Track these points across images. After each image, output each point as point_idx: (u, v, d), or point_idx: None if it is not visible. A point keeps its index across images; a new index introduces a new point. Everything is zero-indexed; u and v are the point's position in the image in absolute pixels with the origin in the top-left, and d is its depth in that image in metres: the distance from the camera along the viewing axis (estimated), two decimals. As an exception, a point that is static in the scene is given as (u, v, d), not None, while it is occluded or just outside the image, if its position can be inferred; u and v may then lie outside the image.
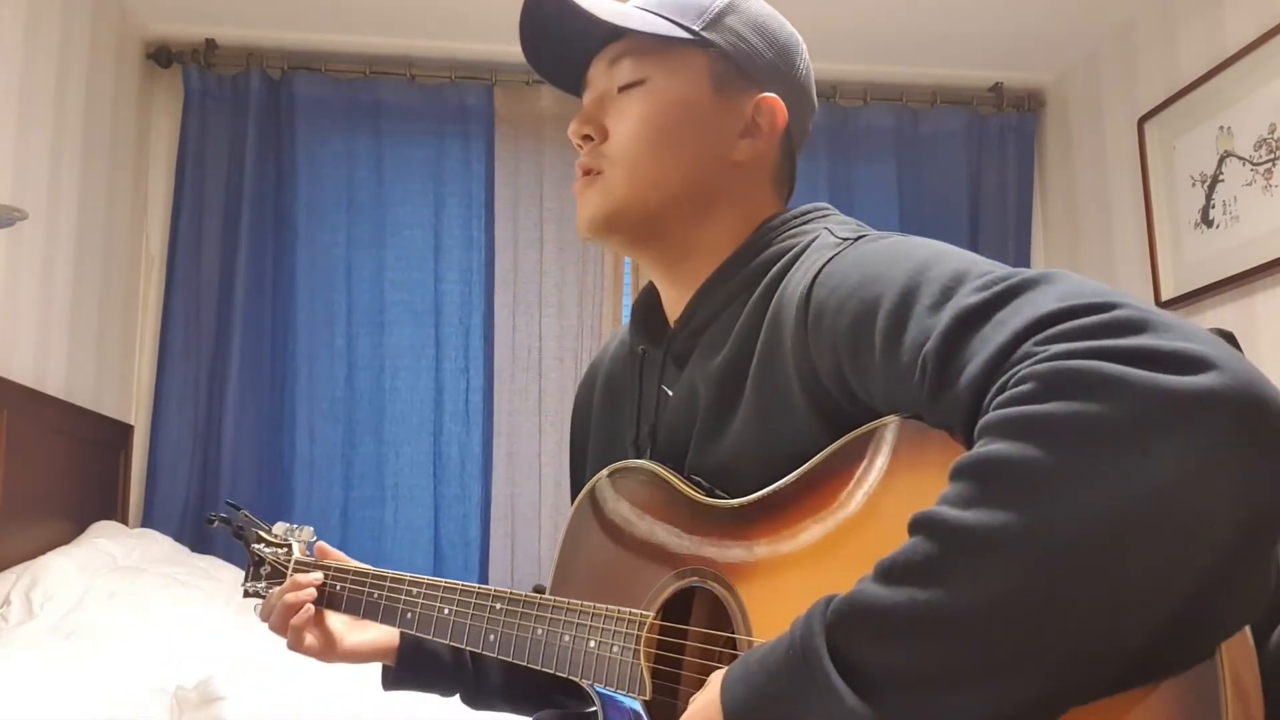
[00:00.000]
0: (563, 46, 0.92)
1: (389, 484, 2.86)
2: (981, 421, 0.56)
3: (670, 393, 0.91)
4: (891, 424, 0.69)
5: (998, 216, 3.22)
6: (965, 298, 0.63)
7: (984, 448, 0.54)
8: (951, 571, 0.53)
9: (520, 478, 2.98)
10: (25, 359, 2.29)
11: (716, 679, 0.65)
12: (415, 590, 0.99)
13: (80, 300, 2.55)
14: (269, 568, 1.13)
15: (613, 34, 0.89)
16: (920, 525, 0.56)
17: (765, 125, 0.89)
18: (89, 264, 2.60)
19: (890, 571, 0.56)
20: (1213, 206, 2.58)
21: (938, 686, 0.54)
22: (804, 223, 0.87)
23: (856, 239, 0.79)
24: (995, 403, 0.56)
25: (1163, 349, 0.52)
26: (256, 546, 1.15)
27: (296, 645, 1.05)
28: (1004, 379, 0.56)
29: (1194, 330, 0.54)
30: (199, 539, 2.70)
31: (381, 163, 2.99)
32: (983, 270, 0.66)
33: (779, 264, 0.83)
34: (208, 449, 2.80)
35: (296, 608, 1.04)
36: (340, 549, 3.06)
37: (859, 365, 0.70)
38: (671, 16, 0.88)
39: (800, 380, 0.76)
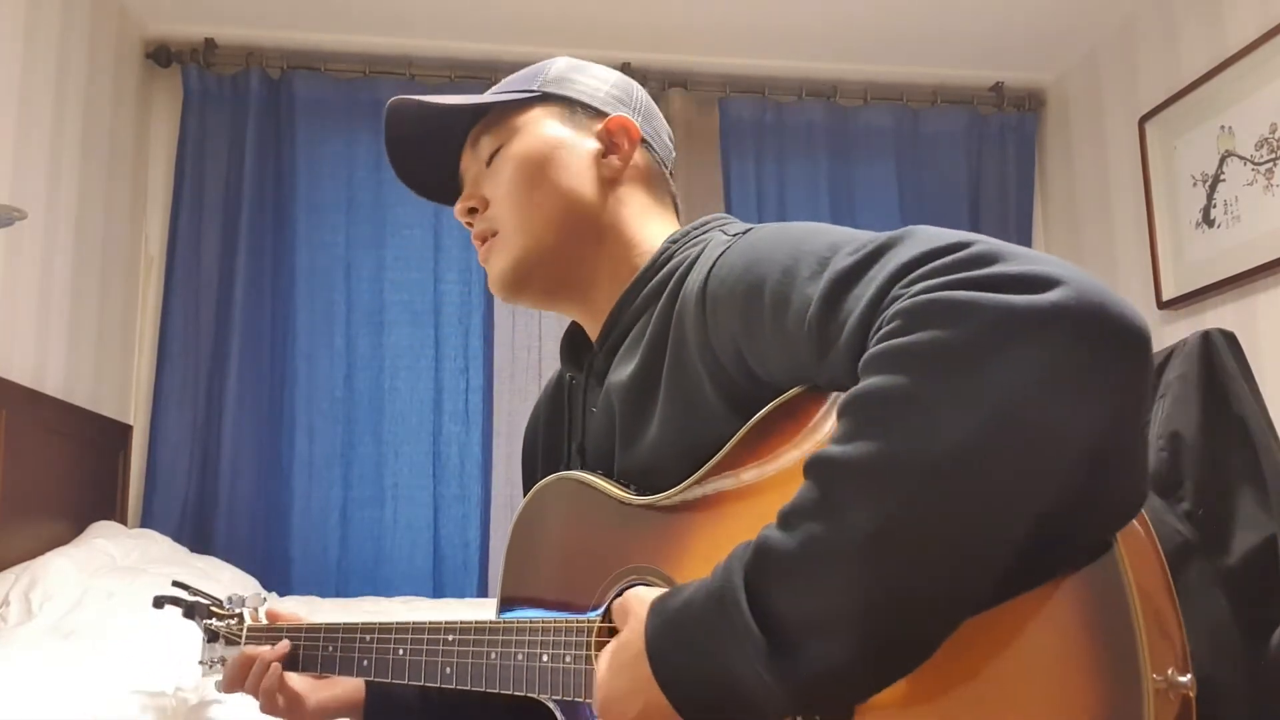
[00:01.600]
0: (432, 163, 1.00)
1: (388, 484, 2.86)
2: (859, 364, 0.60)
3: (594, 410, 0.95)
4: (791, 395, 0.73)
5: (998, 216, 3.22)
6: (839, 262, 0.67)
7: (859, 385, 0.58)
8: (836, 506, 0.57)
9: (520, 478, 2.97)
10: (24, 359, 2.29)
11: (637, 611, 0.67)
12: (369, 637, 1.00)
13: (79, 300, 2.55)
14: (223, 640, 1.14)
15: (469, 122, 0.97)
16: (809, 468, 0.60)
17: (623, 141, 0.95)
18: (88, 264, 2.60)
19: (789, 517, 0.60)
20: (1214, 206, 2.58)
21: (840, 618, 0.56)
22: (702, 232, 0.92)
23: (745, 232, 0.84)
24: (870, 344, 0.60)
25: (1011, 273, 0.56)
26: (208, 622, 1.15)
27: (270, 709, 1.05)
28: (876, 325, 0.61)
29: (1042, 256, 0.58)
30: (198, 539, 2.70)
31: (381, 163, 2.98)
32: (855, 238, 0.70)
33: (679, 272, 0.87)
34: (207, 449, 2.79)
35: (263, 672, 1.05)
36: (340, 549, 3.04)
37: (754, 345, 0.74)
38: (512, 89, 0.97)
39: (707, 372, 0.79)
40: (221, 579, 2.28)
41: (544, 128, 0.94)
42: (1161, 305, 2.72)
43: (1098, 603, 0.56)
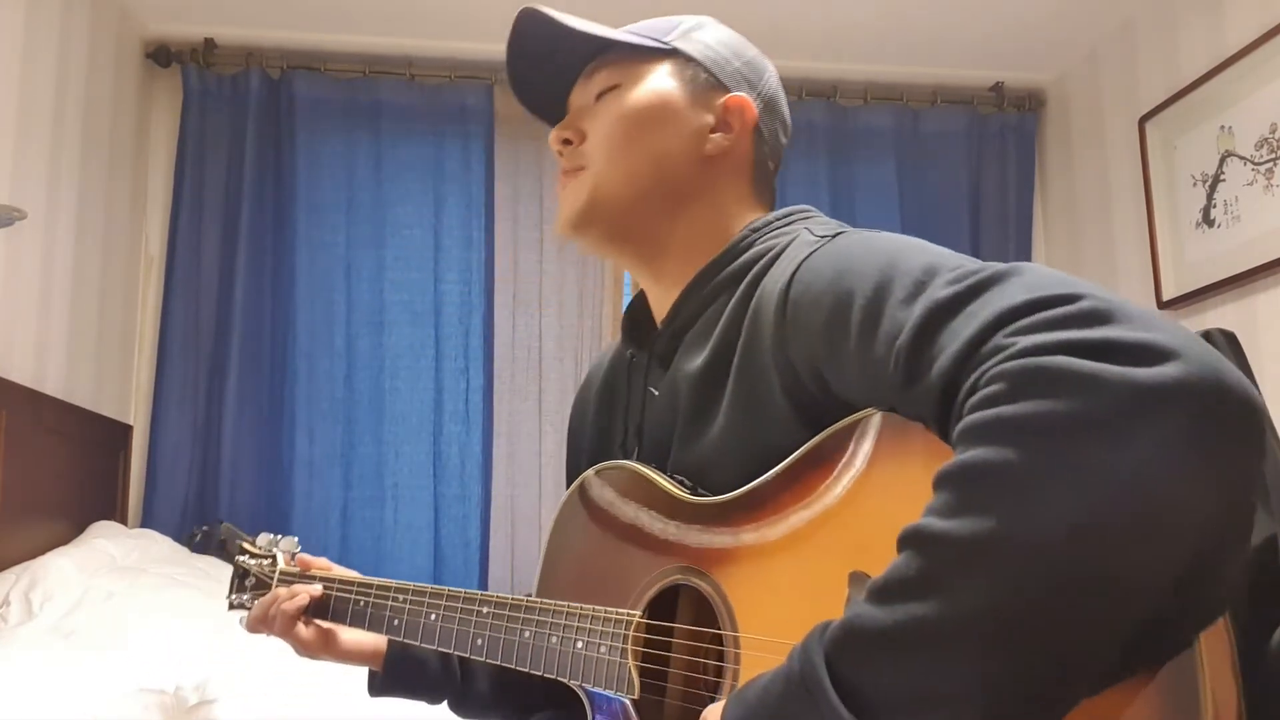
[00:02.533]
0: (548, 78, 0.97)
1: (389, 484, 2.86)
2: (959, 427, 0.57)
3: (655, 393, 0.92)
4: (873, 416, 0.70)
5: (998, 216, 3.21)
6: (937, 291, 0.64)
7: (962, 454, 0.55)
8: (942, 584, 0.54)
9: (520, 478, 2.98)
10: (24, 359, 2.29)
11: (711, 716, 0.64)
12: (401, 597, 1.00)
13: (79, 300, 2.55)
14: (253, 579, 1.14)
15: (593, 51, 0.94)
16: (908, 540, 0.56)
17: (735, 123, 0.92)
18: (88, 264, 2.60)
19: (884, 591, 0.56)
20: (1214, 206, 2.58)
21: (942, 702, 0.54)
22: (785, 224, 0.90)
23: (834, 236, 0.81)
24: (969, 405, 0.57)
25: (1128, 340, 0.53)
26: (240, 559, 1.15)
27: (295, 639, 1.06)
28: (975, 376, 0.57)
29: (1158, 320, 0.55)
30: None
31: (381, 163, 2.99)
32: (954, 264, 0.67)
33: (759, 264, 0.85)
34: (207, 449, 2.79)
35: (298, 611, 1.05)
36: (340, 549, 3.05)
37: (835, 359, 0.72)
38: (643, 32, 0.94)
39: (779, 377, 0.77)
40: (221, 579, 2.27)
41: (662, 84, 0.91)
42: (1161, 305, 2.72)
43: (1172, 683, 0.54)
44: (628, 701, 0.81)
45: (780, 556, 0.73)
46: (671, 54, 0.92)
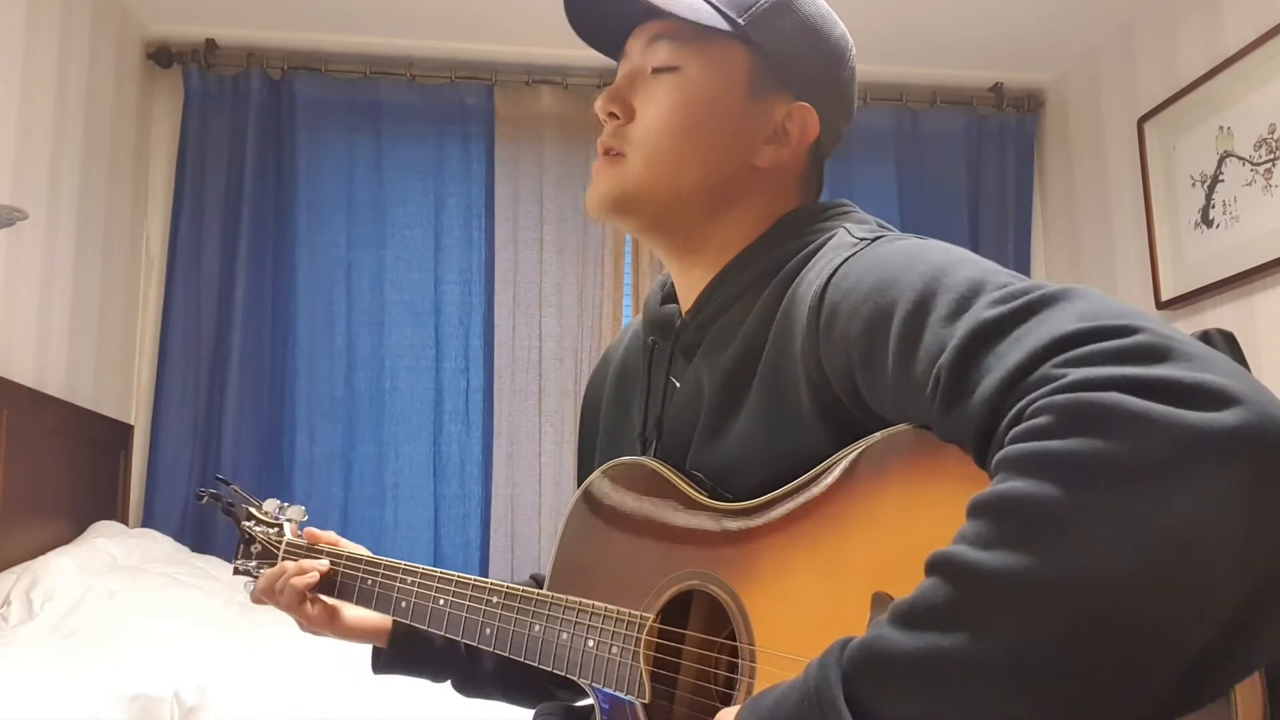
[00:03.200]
0: (604, 10, 0.89)
1: (389, 484, 2.86)
2: (1000, 455, 0.54)
3: (678, 384, 0.89)
4: (905, 433, 0.67)
5: (998, 216, 3.22)
6: (983, 310, 0.61)
7: (1002, 484, 0.52)
8: (971, 618, 0.51)
9: (520, 478, 2.98)
10: (25, 359, 2.29)
11: (727, 718, 0.63)
12: (410, 579, 0.99)
13: (80, 300, 2.55)
14: (259, 546, 1.12)
15: (653, 12, 0.86)
16: (938, 566, 0.53)
17: (794, 134, 0.87)
18: (89, 264, 2.60)
19: (909, 615, 0.53)
20: (1213, 206, 2.58)
21: None
22: (823, 220, 0.86)
23: (874, 239, 0.77)
24: (1013, 434, 0.54)
25: (1185, 381, 0.50)
26: (247, 524, 1.14)
27: (301, 614, 1.05)
28: (1021, 405, 0.54)
29: (1215, 359, 0.52)
30: (199, 539, 2.70)
31: (381, 163, 2.99)
32: (1001, 281, 0.64)
33: (793, 260, 0.82)
34: (208, 449, 2.80)
35: (306, 588, 1.04)
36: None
37: (870, 372, 0.69)
38: (719, 4, 0.85)
39: (809, 383, 0.74)
40: (222, 579, 2.28)
41: (727, 80, 0.85)
42: (1160, 305, 2.72)
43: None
44: (638, 704, 0.80)
45: (801, 569, 0.71)
46: (743, 40, 0.85)
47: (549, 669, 0.86)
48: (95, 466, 2.61)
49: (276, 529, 1.13)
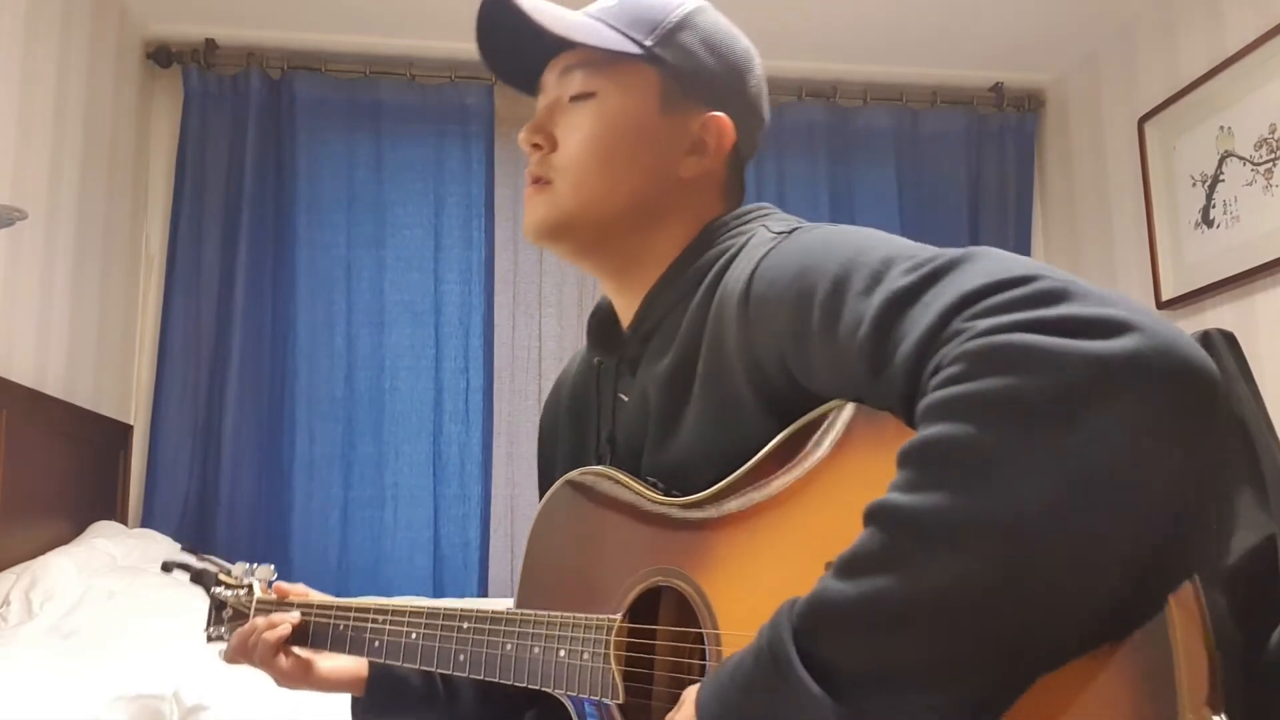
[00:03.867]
0: (517, 50, 0.93)
1: (389, 484, 2.86)
2: (920, 406, 0.57)
3: (625, 399, 0.92)
4: (842, 407, 0.70)
5: (998, 216, 3.22)
6: (895, 280, 0.64)
7: (924, 431, 0.56)
8: (905, 558, 0.54)
9: (520, 478, 2.98)
10: (25, 359, 2.29)
11: (690, 696, 0.65)
12: (381, 618, 0.99)
13: (80, 300, 2.55)
14: (230, 610, 1.12)
15: (565, 44, 0.89)
16: (873, 515, 0.57)
17: (712, 143, 0.89)
18: (89, 264, 2.60)
19: (849, 565, 0.57)
20: (1213, 206, 2.58)
21: (907, 675, 0.54)
22: (743, 223, 0.89)
23: (791, 231, 0.81)
24: (931, 384, 0.57)
25: (1084, 316, 0.53)
26: (217, 590, 1.14)
27: (275, 669, 1.05)
28: (937, 360, 0.58)
29: (1114, 295, 0.55)
30: (198, 539, 2.70)
31: (381, 163, 2.99)
32: (910, 253, 0.67)
33: (719, 263, 0.85)
34: (207, 449, 2.79)
35: (279, 641, 1.04)
36: (340, 549, 3.04)
37: (801, 355, 0.72)
38: (624, 29, 0.88)
39: (746, 375, 0.77)
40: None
41: (642, 101, 0.88)
42: (1161, 305, 2.72)
43: (1143, 644, 0.54)
44: (613, 706, 0.81)
45: (756, 552, 0.74)
46: (651, 61, 0.88)
47: (524, 685, 0.86)
48: (95, 466, 2.61)
49: (245, 590, 1.13)
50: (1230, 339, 0.74)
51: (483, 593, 2.83)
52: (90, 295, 2.61)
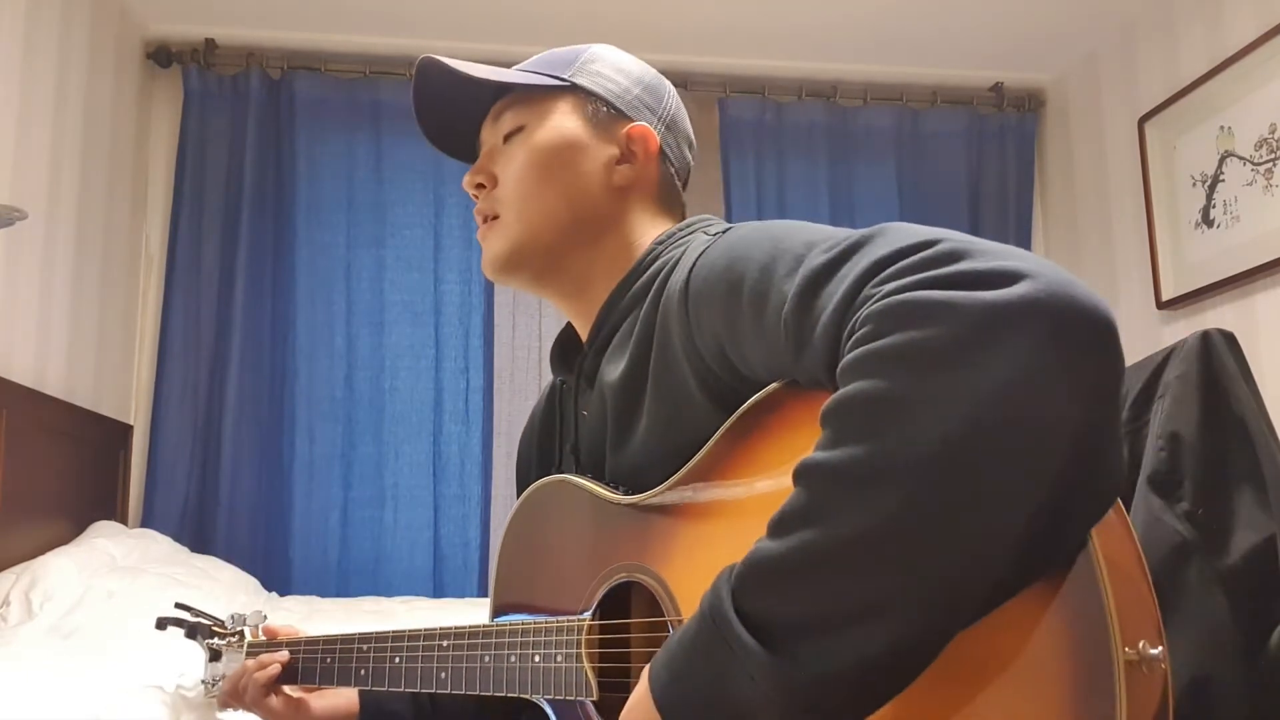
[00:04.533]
0: (453, 115, 0.99)
1: (389, 484, 2.86)
2: (837, 369, 0.60)
3: (585, 414, 0.95)
4: (777, 389, 0.73)
5: (998, 216, 3.22)
6: (813, 259, 0.68)
7: (840, 391, 0.59)
8: (828, 509, 0.57)
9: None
10: (25, 359, 2.29)
11: (645, 670, 0.67)
12: (365, 647, 1.02)
13: (80, 300, 2.55)
14: (225, 659, 1.15)
15: (496, 93, 0.96)
16: (797, 475, 0.60)
17: (640, 151, 0.95)
18: (88, 264, 2.60)
19: (779, 524, 0.59)
20: (1213, 206, 2.58)
21: (840, 621, 0.56)
22: (687, 233, 0.92)
23: (725, 231, 0.85)
24: (845, 349, 0.60)
25: (979, 269, 0.57)
26: (210, 642, 1.17)
27: (268, 710, 1.07)
28: (850, 326, 0.61)
29: (1009, 250, 0.58)
30: (198, 539, 2.70)
31: (381, 163, 2.99)
32: (830, 235, 0.71)
33: (664, 272, 0.88)
34: (207, 449, 2.79)
35: (269, 681, 1.06)
36: (340, 549, 3.04)
37: (736, 342, 0.75)
38: (544, 71, 0.96)
39: (692, 370, 0.80)
40: (222, 579, 2.28)
41: (565, 122, 0.94)
42: (1161, 305, 2.72)
43: (1066, 577, 0.57)
44: (589, 704, 0.83)
45: (709, 538, 0.76)
46: (571, 89, 0.95)
47: (504, 694, 0.89)
48: (94, 466, 2.61)
49: (237, 637, 1.16)
50: (1230, 339, 0.74)
51: (482, 592, 2.83)
52: (90, 295, 2.61)
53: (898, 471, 0.55)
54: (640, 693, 0.66)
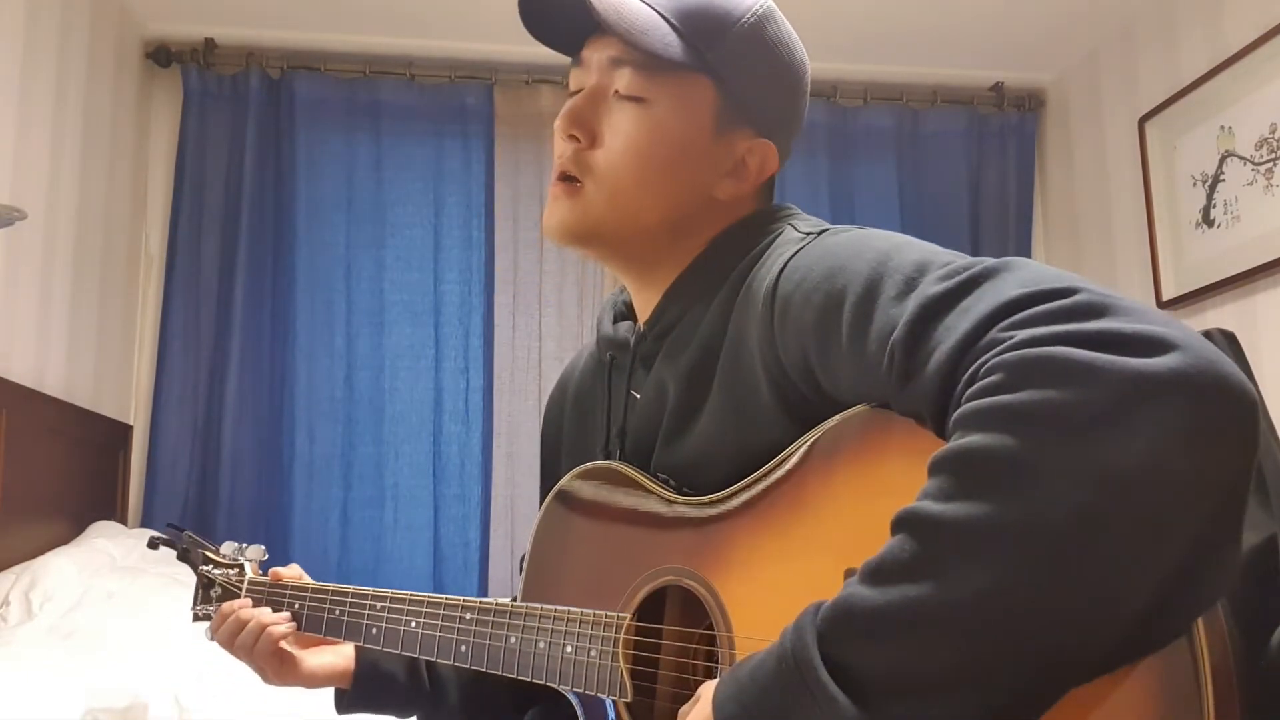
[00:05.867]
0: (561, 11, 0.87)
1: (388, 484, 2.86)
2: (956, 414, 0.56)
3: (638, 396, 0.90)
4: (860, 413, 0.69)
5: (998, 216, 3.21)
6: (929, 287, 0.63)
7: (960, 440, 0.55)
8: (938, 567, 0.53)
9: (520, 478, 2.98)
10: (24, 359, 2.29)
11: (706, 693, 0.64)
12: (379, 605, 0.97)
13: (79, 300, 2.55)
14: (219, 589, 1.10)
15: (627, 41, 0.84)
16: (903, 523, 0.56)
17: (754, 168, 0.87)
18: (88, 264, 2.60)
19: (878, 572, 0.56)
20: (1214, 206, 2.58)
21: (934, 684, 0.54)
22: (770, 222, 0.87)
23: (820, 233, 0.80)
24: (967, 394, 0.56)
25: (1125, 332, 0.53)
26: (204, 569, 1.11)
27: (266, 665, 1.03)
28: (973, 368, 0.57)
29: (1153, 313, 0.55)
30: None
31: (381, 163, 2.99)
32: (944, 260, 0.66)
33: (744, 261, 0.83)
34: (207, 449, 2.79)
35: (281, 639, 1.02)
36: (340, 549, 3.04)
37: (826, 358, 0.71)
38: (687, 32, 0.84)
39: (767, 375, 0.76)
40: (221, 579, 2.27)
41: (695, 118, 0.84)
42: (1161, 305, 2.72)
43: (1170, 668, 0.54)
44: (620, 704, 0.81)
45: (773, 555, 0.73)
46: (712, 74, 0.84)
47: (529, 679, 0.85)
48: (94, 466, 2.61)
49: (236, 569, 1.11)
50: (1231, 339, 0.74)
51: (482, 593, 2.83)
52: (90, 295, 2.61)
53: (1018, 539, 0.51)
54: (701, 715, 0.63)
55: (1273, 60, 2.39)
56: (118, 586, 2.02)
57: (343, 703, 1.07)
